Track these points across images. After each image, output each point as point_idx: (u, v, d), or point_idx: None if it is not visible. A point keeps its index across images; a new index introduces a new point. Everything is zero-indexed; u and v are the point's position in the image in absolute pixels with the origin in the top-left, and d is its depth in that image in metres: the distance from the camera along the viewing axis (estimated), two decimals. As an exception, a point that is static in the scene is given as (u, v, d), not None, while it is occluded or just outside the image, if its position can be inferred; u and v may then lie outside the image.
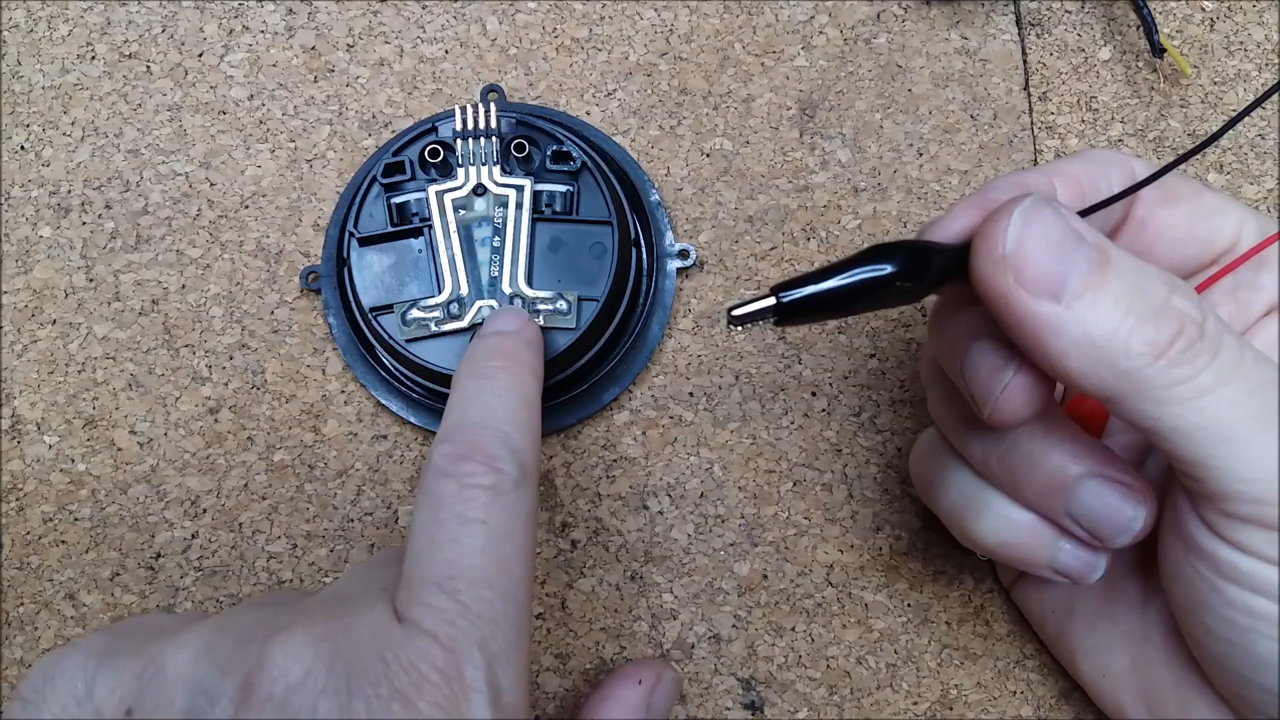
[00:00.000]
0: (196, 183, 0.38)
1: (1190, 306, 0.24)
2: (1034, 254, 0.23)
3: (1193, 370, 0.23)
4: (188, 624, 0.23)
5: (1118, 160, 0.28)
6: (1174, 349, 0.23)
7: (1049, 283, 0.23)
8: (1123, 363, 0.23)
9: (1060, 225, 0.24)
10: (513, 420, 0.27)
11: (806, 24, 0.39)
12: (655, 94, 0.39)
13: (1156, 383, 0.23)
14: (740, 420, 0.36)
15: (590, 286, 0.35)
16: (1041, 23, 0.40)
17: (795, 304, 0.25)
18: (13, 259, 0.38)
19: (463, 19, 0.39)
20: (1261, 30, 0.39)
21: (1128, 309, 0.23)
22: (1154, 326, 0.23)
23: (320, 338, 0.37)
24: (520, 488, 0.25)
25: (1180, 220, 0.29)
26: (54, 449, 0.36)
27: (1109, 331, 0.23)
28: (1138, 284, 0.23)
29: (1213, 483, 0.24)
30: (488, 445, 0.25)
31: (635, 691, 0.31)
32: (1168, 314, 0.23)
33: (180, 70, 0.39)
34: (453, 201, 0.35)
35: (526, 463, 0.26)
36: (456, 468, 0.25)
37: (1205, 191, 0.30)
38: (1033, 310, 0.23)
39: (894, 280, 0.25)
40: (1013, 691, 0.34)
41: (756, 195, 0.38)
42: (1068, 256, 0.23)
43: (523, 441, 0.26)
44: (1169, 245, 0.29)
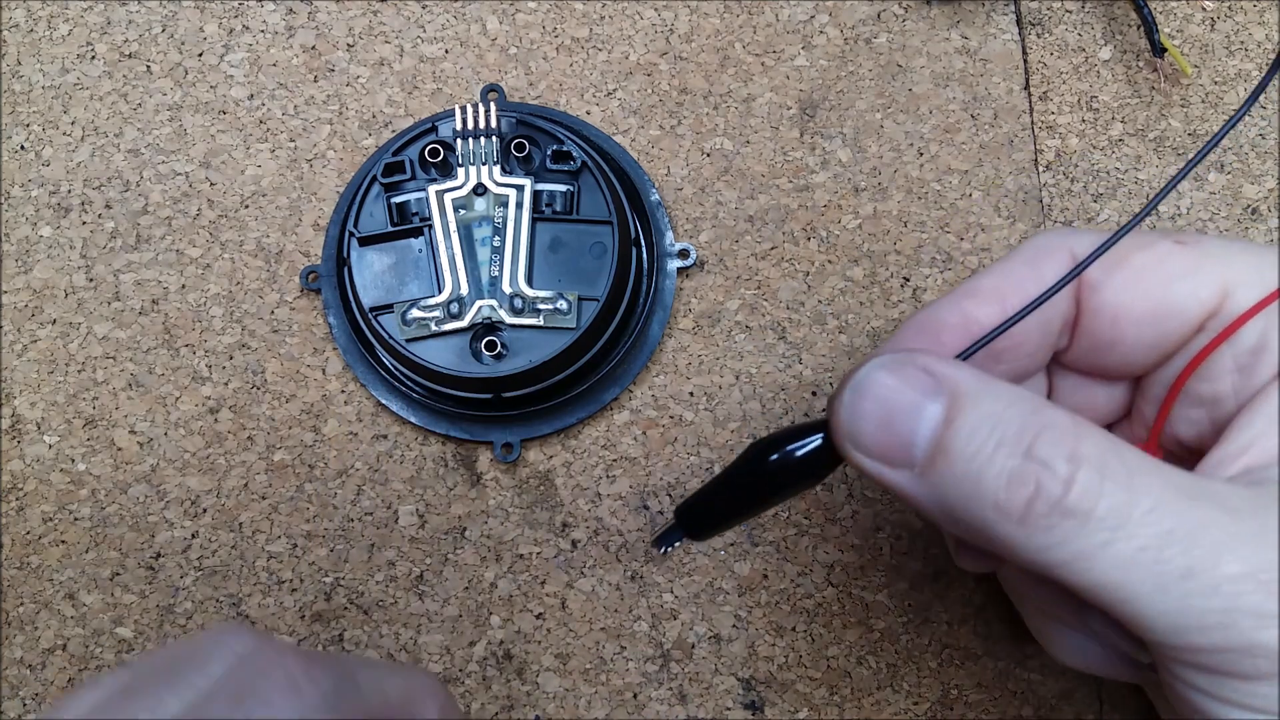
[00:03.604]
0: (196, 182, 0.38)
1: (1057, 458, 0.21)
2: (869, 428, 0.22)
3: (1060, 536, 0.20)
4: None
5: (1054, 247, 0.25)
6: (1034, 514, 0.21)
7: (894, 454, 0.22)
8: (987, 529, 0.21)
9: (896, 392, 0.22)
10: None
11: (807, 24, 0.39)
12: (655, 94, 0.39)
13: (1028, 548, 0.21)
14: (740, 420, 0.36)
15: (590, 286, 0.35)
16: (1042, 22, 0.40)
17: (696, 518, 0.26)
18: (13, 259, 0.38)
19: (463, 19, 0.39)
20: (1262, 30, 0.39)
21: (979, 472, 0.21)
22: (1006, 490, 0.21)
23: (320, 337, 0.37)
24: None
25: (1138, 297, 0.25)
26: (54, 449, 0.36)
27: (963, 498, 0.21)
28: (991, 439, 0.21)
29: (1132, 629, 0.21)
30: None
31: None
32: (1022, 475, 0.21)
33: (180, 70, 0.39)
34: (453, 201, 0.35)
35: None
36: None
37: (1173, 252, 0.25)
38: (889, 479, 0.22)
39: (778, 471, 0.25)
40: (1013, 691, 0.34)
41: (757, 195, 0.38)
42: (907, 424, 0.22)
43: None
44: (1134, 328, 0.25)
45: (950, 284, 0.37)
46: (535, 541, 0.35)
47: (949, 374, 0.22)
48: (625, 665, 0.34)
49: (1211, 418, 0.25)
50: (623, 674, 0.34)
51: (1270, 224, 0.38)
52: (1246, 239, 0.26)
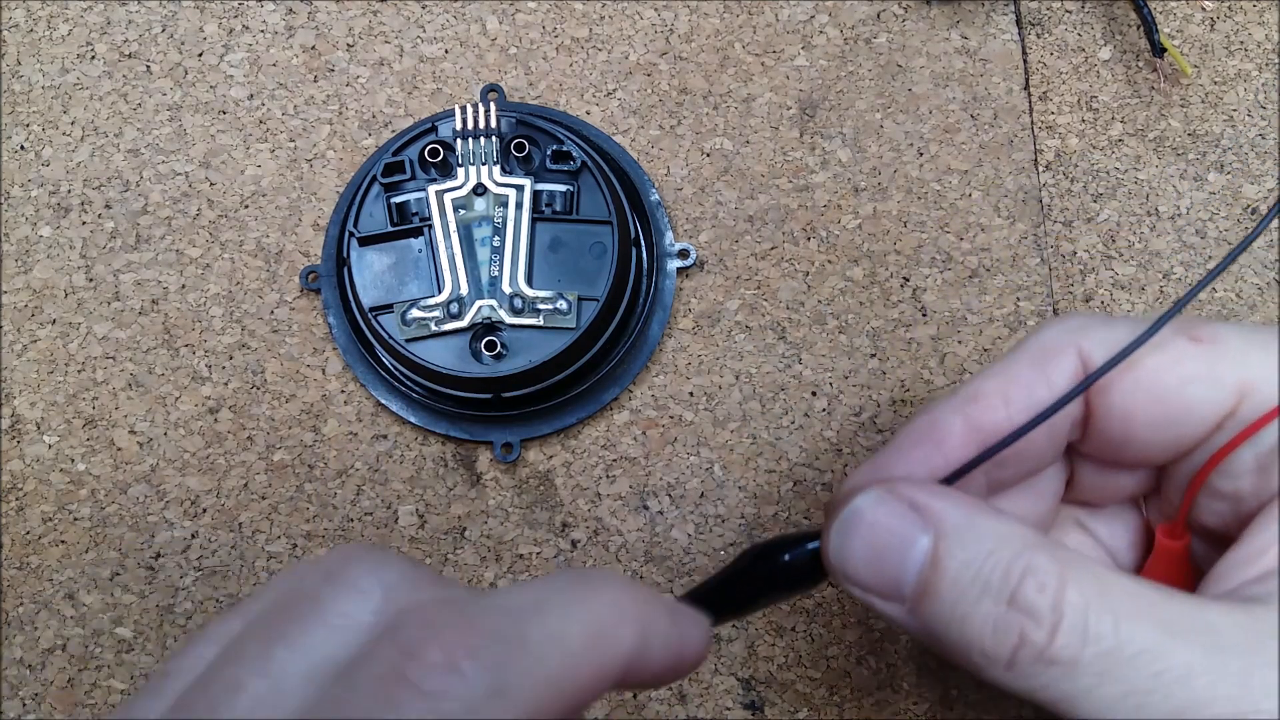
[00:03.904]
0: (196, 182, 0.38)
1: (1042, 605, 0.20)
2: (859, 564, 0.22)
3: (1046, 680, 0.20)
4: None
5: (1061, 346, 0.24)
6: (1020, 662, 0.21)
7: (884, 589, 0.22)
8: (977, 669, 0.21)
9: (883, 529, 0.22)
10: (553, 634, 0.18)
11: (806, 24, 0.39)
12: (655, 94, 0.39)
13: (1017, 689, 0.21)
14: (740, 420, 0.36)
15: (590, 286, 0.35)
16: (1042, 22, 0.40)
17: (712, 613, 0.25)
18: (13, 259, 0.38)
19: (463, 19, 0.39)
20: (1262, 30, 0.39)
21: (964, 617, 0.21)
22: (991, 639, 0.21)
23: (320, 337, 0.37)
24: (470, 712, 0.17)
25: (1150, 401, 0.24)
26: (54, 449, 0.36)
27: (951, 640, 0.21)
28: (975, 585, 0.21)
29: None
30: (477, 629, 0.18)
31: None
32: (1006, 624, 0.21)
33: (180, 70, 0.39)
34: (453, 201, 0.35)
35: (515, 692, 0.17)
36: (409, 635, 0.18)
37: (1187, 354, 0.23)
38: (882, 610, 0.23)
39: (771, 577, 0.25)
40: (1013, 691, 0.34)
41: (757, 195, 0.38)
42: (896, 562, 0.22)
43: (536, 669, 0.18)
44: (1145, 430, 0.24)
45: (949, 284, 0.37)
46: (535, 541, 0.35)
47: (935, 508, 0.22)
48: (625, 665, 0.34)
49: (1234, 511, 0.24)
50: (623, 674, 0.34)
51: (1270, 224, 0.38)
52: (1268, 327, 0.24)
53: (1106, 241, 0.38)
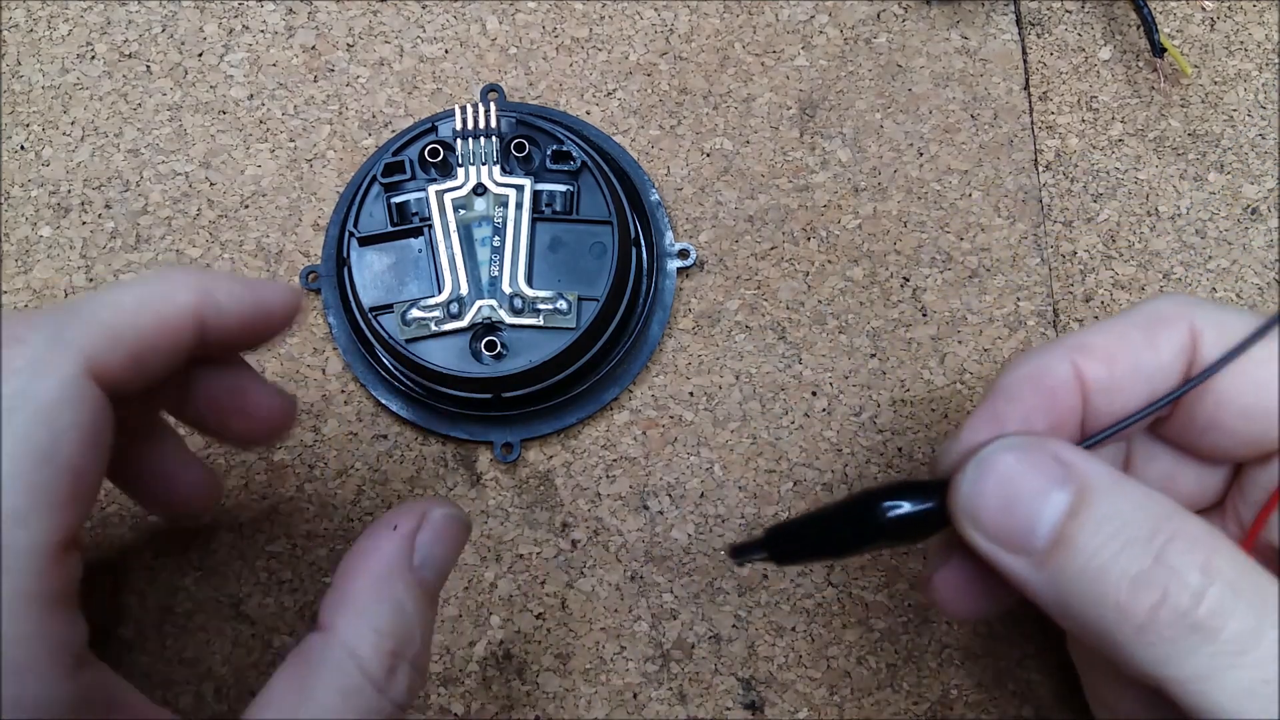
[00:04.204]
0: (196, 182, 0.38)
1: (1189, 568, 0.19)
2: (990, 508, 0.22)
3: (1182, 650, 0.19)
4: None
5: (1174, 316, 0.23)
6: (1158, 622, 0.19)
7: (1014, 539, 0.21)
8: (1102, 631, 0.20)
9: (1022, 476, 0.21)
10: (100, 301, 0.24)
11: (806, 24, 0.39)
12: (655, 94, 0.39)
13: (1144, 657, 0.20)
14: (740, 420, 0.36)
15: (590, 286, 0.35)
16: (1042, 22, 0.40)
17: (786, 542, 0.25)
18: (13, 259, 0.38)
19: (463, 19, 0.39)
20: (1262, 30, 0.39)
21: (1103, 568, 0.20)
22: (1130, 593, 0.20)
23: (320, 337, 0.37)
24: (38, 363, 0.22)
25: (1248, 389, 0.23)
26: (54, 449, 0.36)
27: (1082, 593, 0.20)
28: (1119, 536, 0.20)
29: None
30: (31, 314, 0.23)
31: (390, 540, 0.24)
32: (1150, 579, 0.20)
33: (180, 70, 0.39)
34: (453, 201, 0.35)
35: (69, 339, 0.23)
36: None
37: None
38: (1005, 564, 0.22)
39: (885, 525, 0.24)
40: (1013, 691, 0.34)
41: (757, 195, 0.38)
42: (1031, 510, 0.21)
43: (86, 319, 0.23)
44: (1236, 419, 0.23)
45: (950, 284, 0.37)
46: (535, 541, 0.35)
47: (1079, 465, 0.21)
48: (625, 665, 0.34)
49: None
50: (623, 674, 0.34)
51: (1270, 224, 0.38)
52: None
53: (1106, 241, 0.38)
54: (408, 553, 0.24)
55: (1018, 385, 0.24)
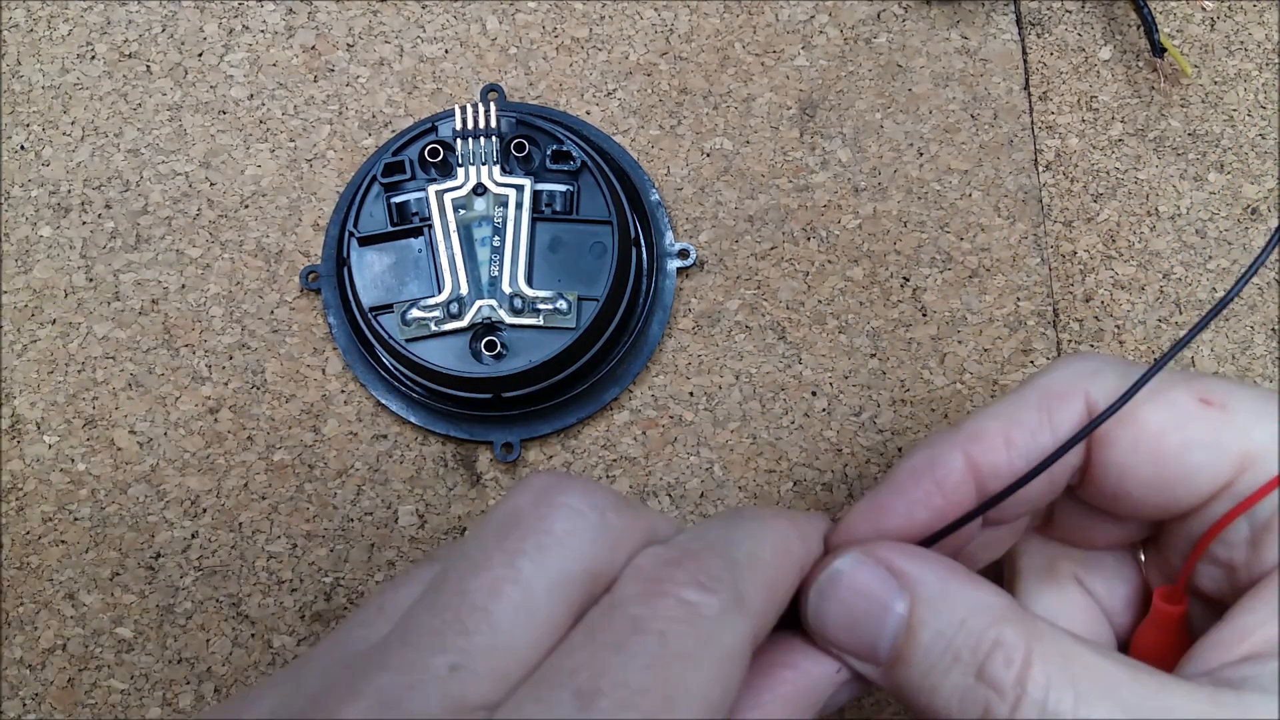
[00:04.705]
0: (196, 182, 0.38)
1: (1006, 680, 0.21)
2: (836, 629, 0.23)
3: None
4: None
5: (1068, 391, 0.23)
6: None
7: (860, 651, 0.23)
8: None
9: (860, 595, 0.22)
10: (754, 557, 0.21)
11: (807, 23, 0.39)
12: (655, 93, 0.39)
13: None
14: (740, 420, 0.36)
15: (590, 286, 0.35)
16: (1042, 22, 0.40)
17: None
18: (12, 259, 0.38)
19: (463, 18, 0.39)
20: (1262, 30, 0.39)
21: (934, 686, 0.22)
22: (958, 709, 0.21)
23: (320, 337, 0.37)
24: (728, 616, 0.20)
25: (1148, 461, 0.23)
26: (54, 449, 0.36)
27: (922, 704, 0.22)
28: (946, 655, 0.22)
29: None
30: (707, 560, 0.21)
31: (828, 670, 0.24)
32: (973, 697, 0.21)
33: (180, 70, 0.39)
34: (452, 201, 0.35)
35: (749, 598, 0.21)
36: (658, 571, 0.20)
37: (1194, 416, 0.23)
38: (858, 669, 0.23)
39: None
40: (1013, 691, 0.34)
41: (757, 195, 0.38)
42: (872, 628, 0.22)
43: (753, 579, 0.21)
44: (1141, 490, 0.24)
45: (949, 284, 0.37)
46: (535, 541, 0.35)
47: (911, 574, 0.22)
48: (625, 665, 0.34)
49: (1229, 579, 0.24)
50: (623, 674, 0.34)
51: (1270, 224, 0.38)
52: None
53: (1106, 241, 0.38)
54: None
55: (906, 477, 0.24)
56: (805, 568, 0.23)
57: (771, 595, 0.22)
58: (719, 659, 0.19)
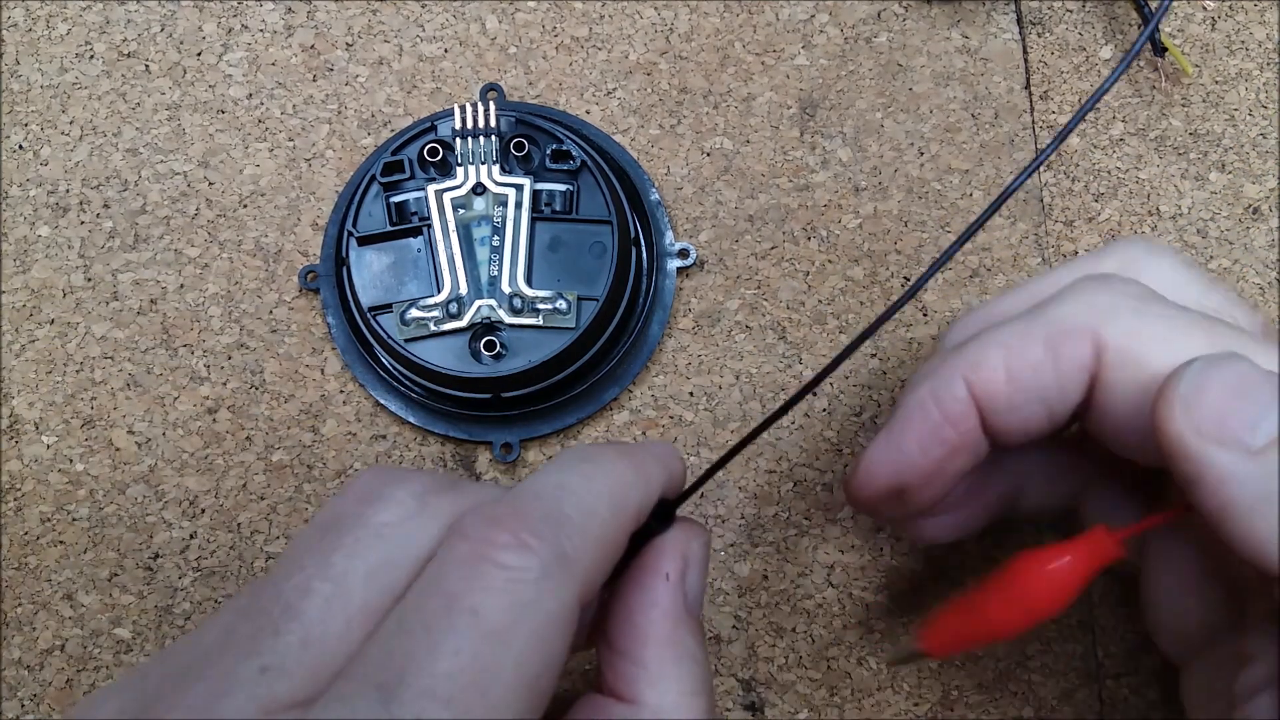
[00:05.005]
0: (195, 182, 0.38)
1: None
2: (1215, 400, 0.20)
3: None
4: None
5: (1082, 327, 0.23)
6: None
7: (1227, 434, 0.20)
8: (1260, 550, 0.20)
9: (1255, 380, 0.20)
10: (583, 508, 0.21)
11: (807, 23, 0.39)
12: (655, 93, 0.39)
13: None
14: (740, 420, 0.36)
15: (590, 286, 0.35)
16: (1043, 21, 0.40)
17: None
18: (11, 258, 0.37)
19: (462, 18, 0.39)
20: (1263, 29, 0.39)
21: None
22: None
23: (319, 337, 0.37)
24: (549, 581, 0.19)
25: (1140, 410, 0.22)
26: (52, 449, 0.36)
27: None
28: None
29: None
30: (530, 516, 0.20)
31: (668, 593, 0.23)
32: None
33: (179, 69, 0.39)
34: (452, 201, 0.35)
35: (574, 556, 0.20)
36: (478, 532, 0.20)
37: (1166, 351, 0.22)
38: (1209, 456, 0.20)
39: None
40: (1014, 692, 0.34)
41: (757, 194, 0.38)
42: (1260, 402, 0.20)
43: (580, 534, 0.20)
44: (1134, 436, 0.23)
45: (950, 284, 0.37)
46: (535, 542, 0.35)
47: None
48: (625, 666, 0.34)
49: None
50: (622, 675, 0.34)
51: (1271, 224, 0.38)
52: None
53: (1108, 241, 0.38)
54: (684, 600, 0.24)
55: (914, 412, 0.24)
56: (644, 511, 0.23)
57: (602, 548, 0.21)
58: (538, 629, 0.19)
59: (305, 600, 0.19)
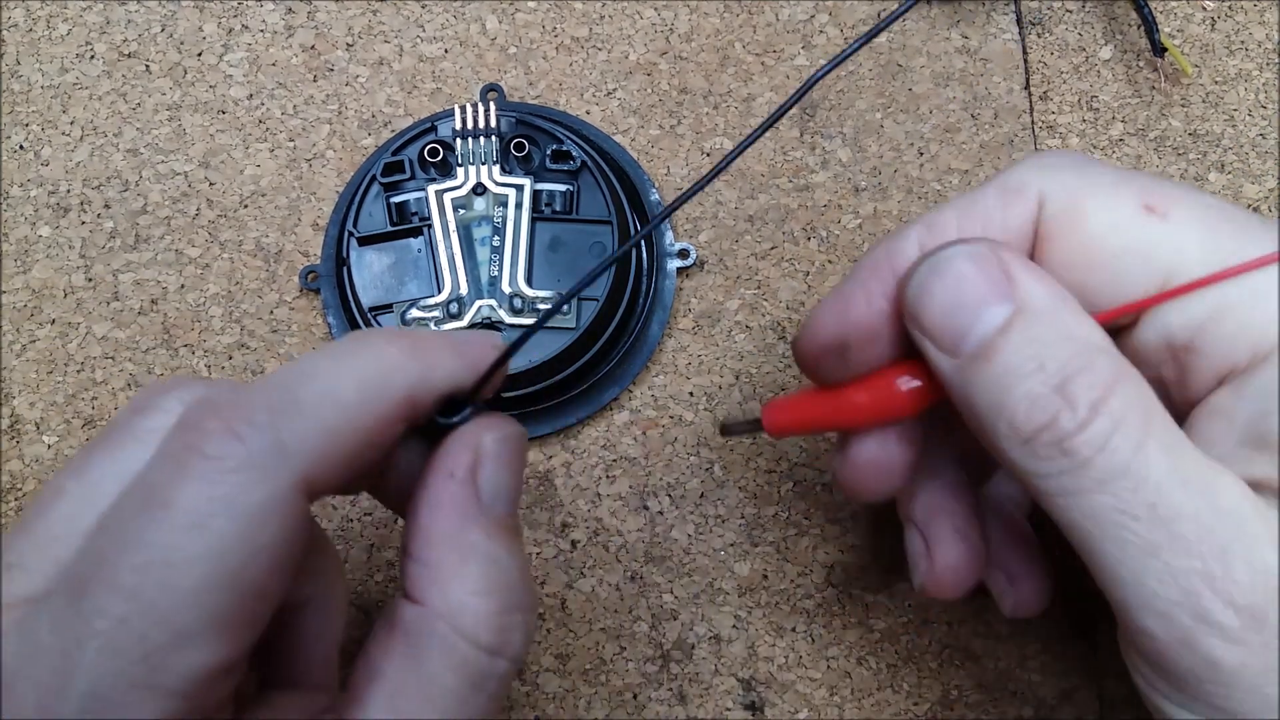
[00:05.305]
0: (196, 182, 0.38)
1: (1084, 400, 0.21)
2: (933, 309, 0.22)
3: (1052, 469, 0.21)
4: None
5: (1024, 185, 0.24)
6: (1037, 441, 0.21)
7: (945, 339, 0.22)
8: (994, 435, 0.22)
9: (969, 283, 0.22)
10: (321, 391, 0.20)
11: (807, 23, 0.39)
12: (655, 93, 0.39)
13: (1022, 467, 0.21)
14: (740, 420, 0.36)
15: (590, 286, 0.35)
16: (1042, 22, 0.40)
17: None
18: (12, 258, 0.38)
19: (462, 18, 0.39)
20: (1262, 30, 0.39)
21: (1008, 387, 0.21)
22: (1025, 412, 0.21)
23: (320, 338, 0.37)
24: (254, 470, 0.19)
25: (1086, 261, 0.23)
26: (53, 449, 0.36)
27: (985, 402, 0.22)
28: (1034, 361, 0.21)
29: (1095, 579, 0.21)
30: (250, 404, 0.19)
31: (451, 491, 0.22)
32: (1045, 403, 0.21)
33: (179, 69, 0.39)
34: (452, 201, 0.35)
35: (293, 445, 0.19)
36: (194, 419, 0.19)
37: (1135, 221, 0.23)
38: (932, 358, 0.23)
39: None
40: (1013, 692, 0.34)
41: (757, 194, 0.38)
42: (968, 317, 0.22)
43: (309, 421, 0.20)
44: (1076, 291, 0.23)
45: (950, 284, 0.37)
46: (535, 542, 0.35)
47: (1024, 283, 0.22)
48: (625, 666, 0.34)
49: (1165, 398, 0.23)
50: (622, 674, 0.34)
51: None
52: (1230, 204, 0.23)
53: (1107, 241, 0.38)
54: (475, 498, 0.22)
55: (866, 270, 0.25)
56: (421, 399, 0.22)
57: (339, 436, 0.20)
58: (239, 519, 0.18)
59: (56, 500, 0.20)
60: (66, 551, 0.19)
